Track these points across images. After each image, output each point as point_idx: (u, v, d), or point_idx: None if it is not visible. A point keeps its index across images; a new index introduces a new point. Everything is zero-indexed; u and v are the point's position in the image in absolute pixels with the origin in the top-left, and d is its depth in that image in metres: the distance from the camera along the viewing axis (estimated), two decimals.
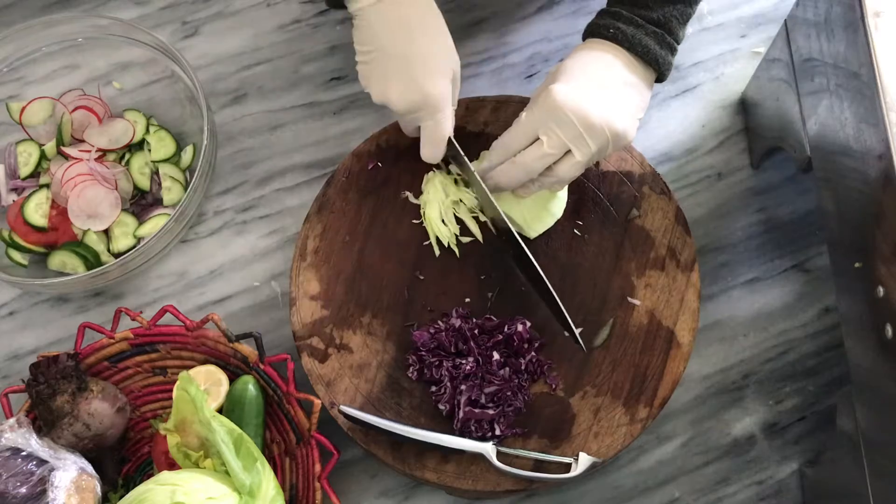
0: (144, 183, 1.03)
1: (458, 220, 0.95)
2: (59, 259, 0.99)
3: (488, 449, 0.84)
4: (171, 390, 0.93)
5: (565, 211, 0.94)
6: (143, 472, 0.93)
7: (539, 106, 0.84)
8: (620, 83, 0.85)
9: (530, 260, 0.87)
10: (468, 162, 0.91)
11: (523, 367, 0.88)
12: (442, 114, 0.87)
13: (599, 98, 0.83)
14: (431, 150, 0.90)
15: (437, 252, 0.94)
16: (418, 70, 0.85)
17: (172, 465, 0.86)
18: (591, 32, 0.87)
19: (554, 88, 0.83)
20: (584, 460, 0.84)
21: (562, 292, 0.91)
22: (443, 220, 0.94)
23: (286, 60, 1.10)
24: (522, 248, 0.88)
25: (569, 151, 0.84)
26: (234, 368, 0.92)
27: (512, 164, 0.86)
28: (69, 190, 0.99)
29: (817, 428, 0.95)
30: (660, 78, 0.88)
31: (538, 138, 0.84)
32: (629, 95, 0.85)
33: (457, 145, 0.90)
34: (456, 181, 0.96)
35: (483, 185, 0.89)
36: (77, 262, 0.99)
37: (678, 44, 0.87)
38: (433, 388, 0.88)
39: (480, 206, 0.94)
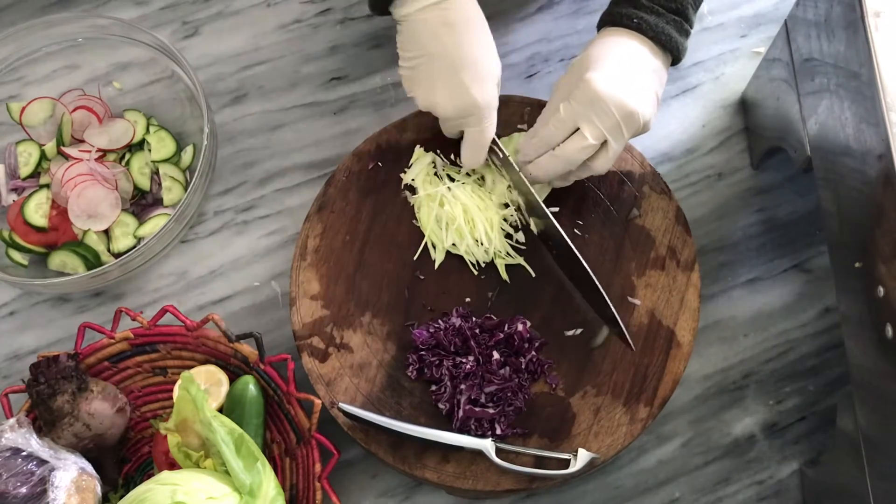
0: (144, 183, 1.03)
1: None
2: (60, 259, 0.99)
3: (487, 445, 0.84)
4: (171, 390, 0.93)
5: (566, 211, 0.94)
6: (144, 472, 0.93)
7: (578, 97, 0.84)
8: (649, 70, 0.86)
9: (573, 252, 0.88)
10: (509, 156, 0.91)
11: (523, 367, 0.88)
12: (488, 120, 0.88)
13: (634, 87, 0.84)
14: (474, 156, 0.91)
15: (434, 256, 0.94)
16: (467, 77, 0.85)
17: (173, 465, 0.86)
18: (612, 22, 0.88)
19: (593, 78, 0.83)
20: (583, 456, 0.84)
21: (562, 292, 0.91)
22: (438, 223, 0.94)
23: (286, 60, 1.10)
24: (564, 238, 0.88)
25: (604, 141, 0.85)
26: (234, 368, 0.92)
27: (552, 156, 0.87)
28: (69, 190, 0.99)
29: (817, 428, 0.95)
30: (675, 62, 0.89)
31: (576, 129, 0.85)
32: (655, 84, 0.87)
33: (499, 143, 0.91)
34: (437, 174, 0.96)
35: (523, 179, 0.90)
36: (77, 262, 0.99)
37: (692, 28, 0.89)
38: (433, 388, 0.88)
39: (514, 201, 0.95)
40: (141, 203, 1.03)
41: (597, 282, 0.87)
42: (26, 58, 1.07)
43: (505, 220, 0.94)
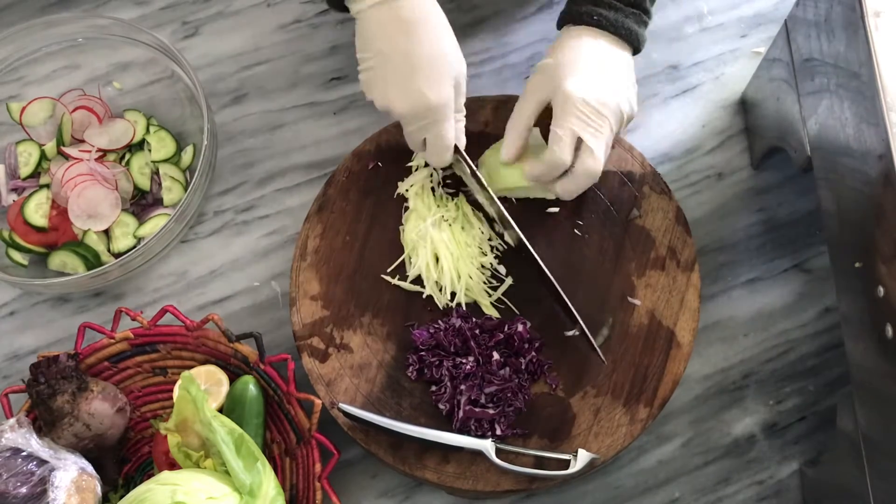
0: (144, 183, 1.03)
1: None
2: (60, 259, 0.99)
3: (487, 446, 0.84)
4: (171, 390, 0.93)
5: (566, 211, 0.94)
6: (144, 471, 0.93)
7: (567, 113, 0.84)
8: (620, 64, 0.87)
9: (538, 261, 0.88)
10: (476, 170, 0.90)
11: (523, 367, 0.88)
12: (445, 124, 0.86)
13: (610, 84, 0.85)
14: (436, 157, 0.89)
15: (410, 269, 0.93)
16: (420, 78, 0.84)
17: (173, 465, 0.86)
18: (573, 20, 0.89)
19: (572, 91, 0.84)
20: (582, 456, 0.84)
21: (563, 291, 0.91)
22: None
23: (286, 60, 1.10)
24: (531, 250, 0.88)
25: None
26: (234, 368, 0.92)
27: (573, 178, 0.86)
28: (69, 190, 0.99)
29: (817, 428, 0.95)
30: (635, 52, 0.91)
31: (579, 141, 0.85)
32: (629, 74, 0.88)
33: (464, 155, 0.89)
34: (433, 188, 0.96)
35: (491, 193, 0.89)
36: (77, 262, 0.99)
37: (650, 19, 0.90)
38: (433, 388, 0.88)
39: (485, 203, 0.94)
40: (141, 203, 1.03)
41: (564, 296, 0.87)
42: (26, 58, 1.08)
43: (484, 266, 0.93)
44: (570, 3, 0.90)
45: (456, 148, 0.89)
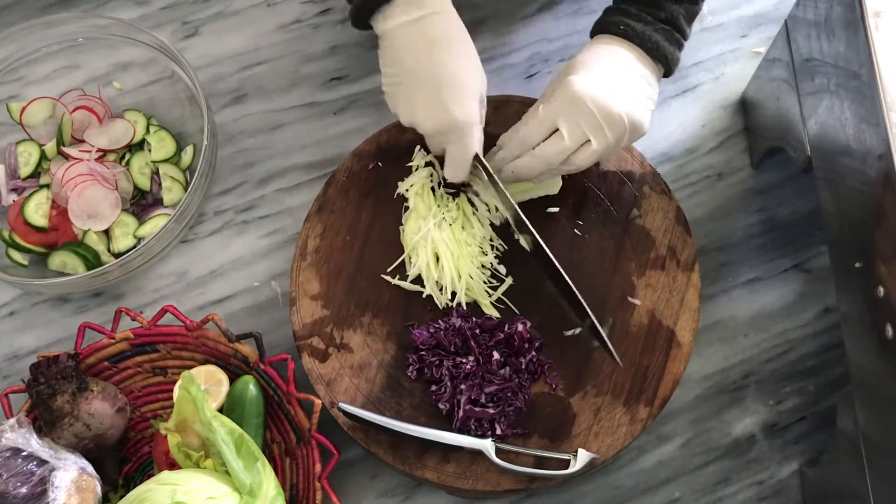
0: (145, 183, 1.03)
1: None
2: (60, 259, 0.99)
3: (487, 445, 0.84)
4: (171, 390, 0.93)
5: (566, 211, 0.95)
6: (144, 472, 0.93)
7: (558, 98, 0.85)
8: (636, 76, 0.86)
9: (550, 260, 0.87)
10: (496, 177, 0.89)
11: (523, 367, 0.88)
12: (469, 137, 0.87)
13: (617, 89, 0.84)
14: (455, 171, 0.89)
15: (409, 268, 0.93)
16: (445, 93, 0.85)
17: (173, 465, 0.86)
18: (601, 29, 0.89)
19: (573, 80, 0.84)
20: (582, 456, 0.84)
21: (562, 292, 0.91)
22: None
23: (286, 60, 1.10)
24: (543, 248, 0.87)
25: (587, 141, 0.85)
26: (234, 368, 0.92)
27: (532, 156, 0.87)
28: (69, 190, 0.99)
29: (817, 428, 0.95)
30: (667, 73, 0.89)
31: (556, 130, 0.85)
32: (644, 88, 0.87)
33: (484, 162, 0.89)
34: (433, 188, 0.95)
35: (510, 198, 0.88)
36: (77, 262, 0.99)
37: (685, 40, 0.89)
38: (433, 388, 0.88)
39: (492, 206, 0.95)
40: (141, 203, 1.03)
41: (585, 305, 0.86)
42: (26, 58, 1.08)
43: (484, 266, 0.93)
44: (602, 14, 0.90)
45: (475, 155, 0.88)
